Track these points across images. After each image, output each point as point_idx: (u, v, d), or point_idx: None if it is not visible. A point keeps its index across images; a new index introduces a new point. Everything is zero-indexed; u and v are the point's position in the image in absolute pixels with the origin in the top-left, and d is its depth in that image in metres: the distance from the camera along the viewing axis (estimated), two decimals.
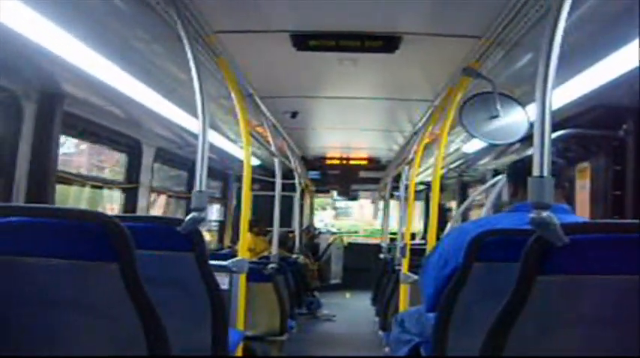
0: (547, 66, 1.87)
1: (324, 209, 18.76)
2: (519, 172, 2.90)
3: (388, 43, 3.86)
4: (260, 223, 8.77)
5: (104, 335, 1.92)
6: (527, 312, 1.82)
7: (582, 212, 4.57)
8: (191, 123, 5.42)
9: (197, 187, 2.81)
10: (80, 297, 1.90)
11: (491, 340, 1.87)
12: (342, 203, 15.87)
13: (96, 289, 1.90)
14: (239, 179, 9.78)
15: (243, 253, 4.28)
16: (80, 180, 5.23)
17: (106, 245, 1.83)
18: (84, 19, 3.14)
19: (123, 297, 1.84)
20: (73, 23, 3.10)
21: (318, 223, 16.46)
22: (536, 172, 1.84)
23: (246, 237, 4.47)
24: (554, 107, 1.85)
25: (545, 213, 1.76)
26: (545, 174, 1.82)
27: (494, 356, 1.87)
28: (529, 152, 4.09)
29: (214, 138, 6.66)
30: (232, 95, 4.32)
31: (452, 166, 8.76)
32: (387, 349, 6.25)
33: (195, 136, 2.91)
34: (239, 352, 4.07)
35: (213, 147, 7.00)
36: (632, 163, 3.97)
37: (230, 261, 4.03)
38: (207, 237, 9.28)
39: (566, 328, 1.87)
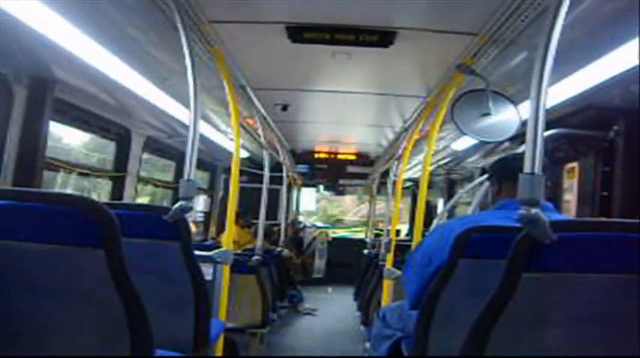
0: (543, 64, 1.87)
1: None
2: (503, 170, 2.90)
3: (383, 37, 3.85)
4: (245, 216, 8.76)
5: (88, 321, 1.90)
6: (511, 309, 1.82)
7: (568, 212, 4.60)
8: (181, 113, 5.39)
9: (186, 176, 2.79)
10: (65, 283, 1.88)
11: (474, 336, 1.87)
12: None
13: (81, 275, 1.87)
14: (227, 171, 9.82)
15: (228, 245, 4.26)
16: (68, 167, 5.19)
17: (92, 231, 1.80)
18: (79, 4, 3.11)
19: (108, 284, 1.82)
20: (67, 8, 3.07)
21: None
22: (527, 169, 1.84)
23: (232, 229, 4.45)
24: (548, 106, 1.86)
25: (534, 210, 1.76)
26: (537, 171, 1.82)
27: (476, 353, 1.86)
28: (519, 151, 4.11)
29: (204, 128, 6.64)
30: (225, 86, 4.29)
31: (440, 163, 8.78)
32: (367, 344, 6.27)
33: (185, 126, 2.91)
34: (220, 342, 4.06)
35: (202, 138, 6.96)
36: (620, 164, 3.98)
37: (215, 251, 4.01)
38: (192, 228, 9.27)
39: (550, 326, 1.86)
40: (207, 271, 4.20)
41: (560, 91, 3.83)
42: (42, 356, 1.91)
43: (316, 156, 11.58)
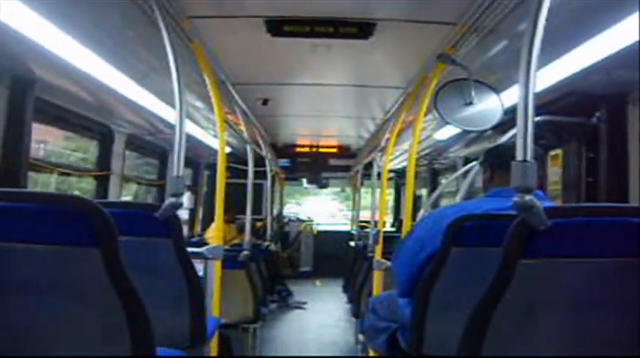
0: (530, 49, 1.86)
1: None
2: (497, 158, 2.92)
3: (362, 29, 3.85)
4: (230, 211, 8.75)
5: (86, 322, 1.90)
6: (509, 296, 1.83)
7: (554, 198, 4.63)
8: (163, 110, 5.37)
9: (174, 172, 2.78)
10: (62, 283, 1.87)
11: (474, 324, 1.87)
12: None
13: (78, 275, 1.87)
14: (209, 167, 9.82)
15: (218, 240, 4.26)
16: (51, 167, 5.16)
17: (87, 230, 1.80)
18: (57, 2, 3.09)
19: (105, 283, 1.82)
20: (45, 6, 3.04)
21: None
22: (519, 156, 1.84)
23: (220, 225, 4.46)
24: None
25: (528, 197, 1.77)
26: (529, 158, 1.83)
27: (476, 341, 1.88)
28: (502, 139, 4.14)
29: (186, 125, 6.61)
30: (207, 82, 4.28)
31: (422, 154, 8.81)
32: (360, 336, 6.32)
33: (167, 123, 2.90)
34: (215, 338, 4.07)
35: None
36: (605, 150, 4.01)
37: (206, 248, 4.02)
38: None
39: (548, 312, 1.88)
40: (198, 267, 4.21)
41: (542, 78, 3.85)
42: (42, 356, 1.91)
43: (298, 149, 11.64)
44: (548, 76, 3.77)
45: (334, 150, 11.62)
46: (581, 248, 1.83)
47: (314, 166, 12.28)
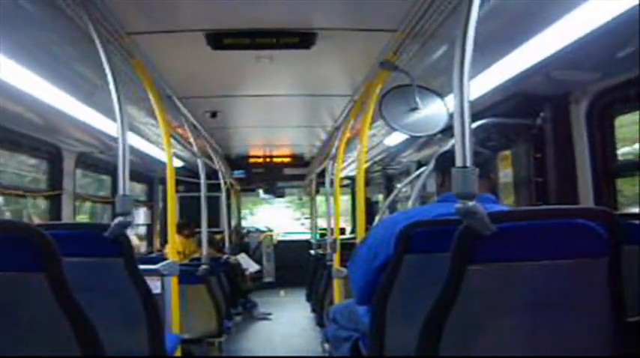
0: (462, 56, 1.89)
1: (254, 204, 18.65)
2: (446, 162, 2.94)
3: (304, 39, 3.86)
4: (189, 225, 8.69)
5: (36, 347, 1.88)
6: (460, 302, 1.85)
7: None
8: (111, 127, 5.33)
9: (121, 191, 2.77)
10: (8, 309, 1.86)
11: (428, 331, 1.89)
12: None
13: (24, 300, 1.86)
14: (163, 181, 9.73)
15: (172, 256, 4.24)
16: (0, 189, 5.10)
17: (31, 255, 1.79)
18: None
19: (53, 307, 1.81)
20: None
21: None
22: (459, 163, 1.86)
23: (174, 240, 4.43)
24: (473, 97, 1.90)
25: (470, 203, 1.79)
26: (468, 164, 1.85)
27: (431, 347, 1.89)
28: (448, 145, 4.18)
29: (136, 141, 6.57)
30: (150, 97, 4.27)
31: (376, 160, 8.84)
32: (326, 345, 6.31)
33: (116, 140, 2.87)
34: (177, 355, 4.03)
35: (135, 150, 6.91)
36: (551, 150, 4.07)
37: (161, 264, 3.99)
38: (135, 241, 9.16)
39: (499, 315, 1.91)
40: (155, 285, 4.17)
41: (486, 81, 3.90)
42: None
43: (252, 160, 11.64)
44: (491, 78, 3.83)
45: (288, 159, 11.64)
46: (529, 251, 1.86)
47: (269, 176, 12.31)
